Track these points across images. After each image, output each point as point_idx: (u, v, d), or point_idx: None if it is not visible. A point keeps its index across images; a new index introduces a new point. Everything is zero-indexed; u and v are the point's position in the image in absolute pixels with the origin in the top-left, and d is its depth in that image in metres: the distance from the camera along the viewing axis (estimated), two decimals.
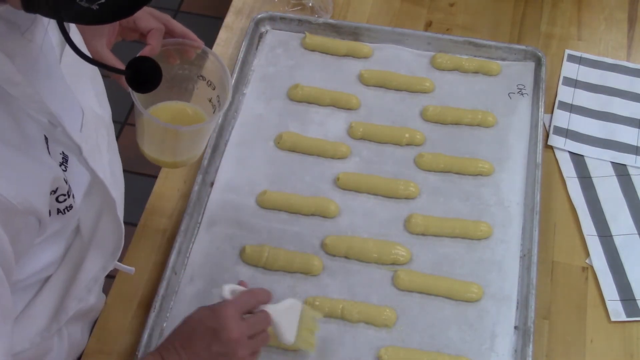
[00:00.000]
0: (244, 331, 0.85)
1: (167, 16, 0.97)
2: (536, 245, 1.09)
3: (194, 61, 0.95)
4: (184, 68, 0.96)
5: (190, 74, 0.96)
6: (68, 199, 0.77)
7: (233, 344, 0.84)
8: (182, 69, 0.96)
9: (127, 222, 1.34)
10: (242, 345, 0.85)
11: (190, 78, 0.97)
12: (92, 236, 0.86)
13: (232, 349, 0.84)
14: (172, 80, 0.96)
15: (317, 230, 1.13)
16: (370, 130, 1.23)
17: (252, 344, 0.87)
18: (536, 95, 1.27)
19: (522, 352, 1.01)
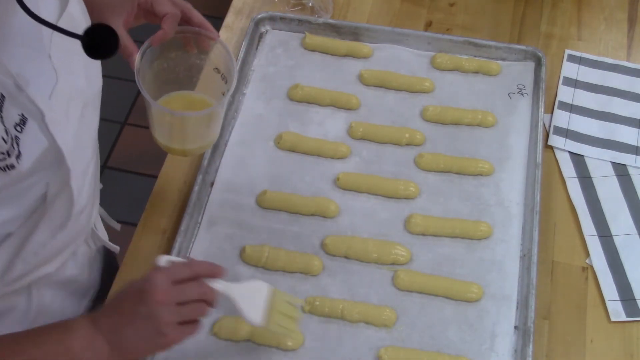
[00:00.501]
0: (171, 296, 0.84)
1: (187, 4, 0.97)
2: (536, 245, 1.09)
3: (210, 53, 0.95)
4: (201, 58, 0.96)
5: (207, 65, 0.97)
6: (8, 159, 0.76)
7: (157, 307, 0.83)
8: (199, 59, 0.97)
9: (127, 222, 1.34)
10: (167, 309, 0.83)
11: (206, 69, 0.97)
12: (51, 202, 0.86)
13: (157, 312, 0.83)
14: (189, 69, 0.96)
15: (317, 230, 1.13)
16: (370, 130, 1.23)
17: (180, 311, 0.85)
18: (536, 95, 1.27)
19: (522, 352, 1.01)
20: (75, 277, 1.05)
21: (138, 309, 0.83)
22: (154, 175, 1.23)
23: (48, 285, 0.99)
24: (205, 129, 0.97)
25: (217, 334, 1.03)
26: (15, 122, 0.76)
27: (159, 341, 0.84)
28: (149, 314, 0.83)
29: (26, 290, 0.95)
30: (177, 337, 0.85)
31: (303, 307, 1.04)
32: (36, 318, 0.99)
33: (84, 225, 0.97)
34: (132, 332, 0.83)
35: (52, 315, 1.02)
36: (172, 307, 0.84)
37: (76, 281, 1.06)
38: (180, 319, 0.85)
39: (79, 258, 1.05)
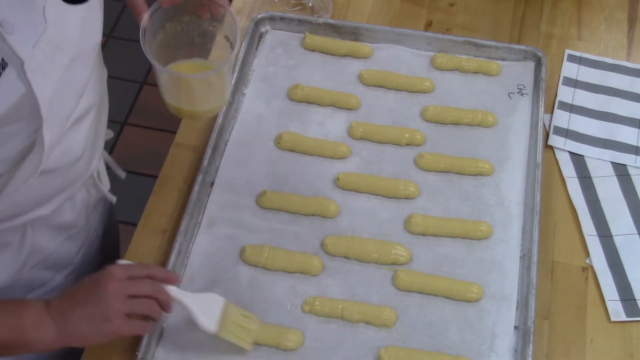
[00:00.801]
0: (124, 286, 0.88)
1: None
2: (536, 245, 1.09)
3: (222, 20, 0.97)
4: (213, 25, 0.98)
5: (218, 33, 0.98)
6: None
7: (108, 294, 0.87)
8: (211, 26, 0.98)
9: (127, 222, 1.34)
10: (117, 298, 0.87)
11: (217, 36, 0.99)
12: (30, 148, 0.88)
13: (107, 299, 0.87)
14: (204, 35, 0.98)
15: (317, 230, 1.13)
16: (370, 130, 1.23)
17: (130, 303, 0.88)
18: (536, 95, 1.27)
19: (522, 352, 1.01)
20: (73, 222, 1.07)
21: (90, 295, 0.88)
22: (154, 175, 1.23)
23: (44, 227, 1.02)
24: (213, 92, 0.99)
25: (217, 334, 1.02)
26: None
27: (104, 327, 0.87)
28: (99, 299, 0.87)
29: (21, 229, 0.98)
30: (123, 327, 0.88)
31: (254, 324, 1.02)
32: (30, 256, 1.02)
33: (81, 172, 0.99)
34: (81, 315, 0.87)
35: (48, 256, 1.06)
36: (123, 298, 0.88)
37: (74, 226, 1.08)
38: (129, 310, 0.88)
39: (77, 204, 1.07)
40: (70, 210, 1.06)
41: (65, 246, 1.09)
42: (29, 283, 1.07)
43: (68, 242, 1.10)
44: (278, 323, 1.04)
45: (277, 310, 1.05)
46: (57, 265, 1.10)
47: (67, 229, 1.08)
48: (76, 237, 1.11)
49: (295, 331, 1.03)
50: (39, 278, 1.08)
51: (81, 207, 1.09)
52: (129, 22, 1.07)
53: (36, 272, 1.07)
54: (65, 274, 1.13)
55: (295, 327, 1.04)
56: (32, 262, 1.04)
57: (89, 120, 0.96)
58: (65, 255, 1.11)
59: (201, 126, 1.26)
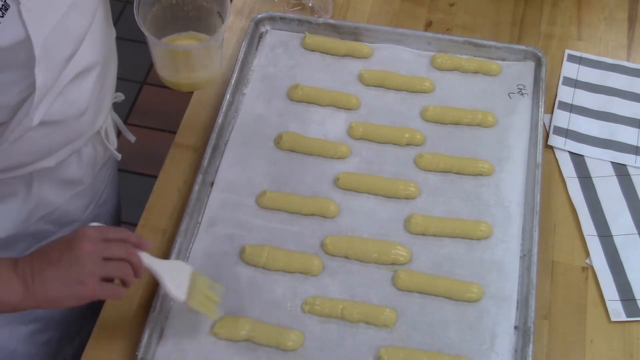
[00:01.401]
0: (99, 248, 0.86)
1: None
2: (536, 245, 1.09)
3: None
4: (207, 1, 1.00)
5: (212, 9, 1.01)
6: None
7: (83, 255, 0.84)
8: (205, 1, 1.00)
9: (127, 222, 1.34)
10: (92, 260, 0.85)
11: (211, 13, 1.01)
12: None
13: (81, 260, 0.84)
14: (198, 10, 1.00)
15: (317, 230, 1.13)
16: (370, 130, 1.23)
17: (105, 266, 0.86)
18: (536, 95, 1.27)
19: (522, 352, 1.01)
20: (79, 178, 1.07)
21: (63, 256, 0.85)
22: (154, 175, 1.23)
23: (50, 180, 1.02)
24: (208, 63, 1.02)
25: (217, 334, 1.03)
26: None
27: (77, 289, 0.85)
28: (73, 261, 0.84)
29: (27, 180, 0.98)
30: (97, 290, 0.86)
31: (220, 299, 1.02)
32: (35, 208, 1.02)
33: (86, 127, 1.00)
34: (52, 276, 0.84)
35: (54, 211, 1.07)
36: (98, 260, 0.85)
37: (80, 183, 1.08)
38: (104, 274, 0.86)
39: (84, 159, 1.07)
40: (76, 165, 1.06)
41: (73, 203, 1.09)
42: (35, 234, 1.07)
43: (75, 198, 1.10)
44: (278, 323, 1.04)
45: (277, 310, 1.05)
46: (62, 220, 1.11)
47: (74, 184, 1.08)
48: (83, 195, 1.11)
49: (295, 331, 1.03)
50: (45, 231, 1.08)
51: (87, 164, 1.09)
52: (129, 22, 1.08)
53: (42, 225, 1.07)
54: (71, 229, 1.12)
55: (295, 327, 1.04)
56: (38, 214, 1.04)
57: (93, 76, 0.97)
58: (72, 211, 1.11)
59: (201, 126, 1.26)
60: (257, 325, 1.03)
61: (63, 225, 1.12)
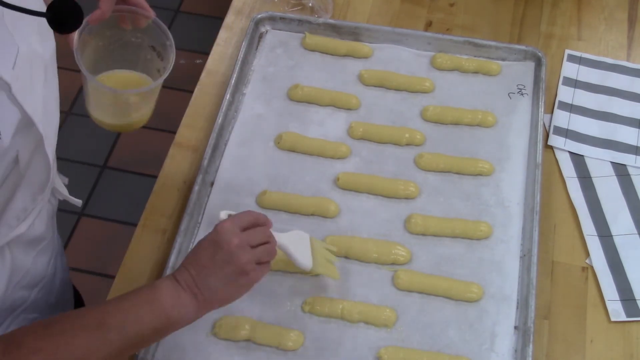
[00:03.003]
0: (243, 239, 0.89)
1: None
2: (536, 245, 1.09)
3: (146, 31, 0.97)
4: (136, 36, 0.98)
5: (142, 44, 0.98)
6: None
7: (235, 249, 0.87)
8: (135, 37, 0.98)
9: (127, 222, 1.33)
10: (243, 251, 0.88)
11: (141, 47, 0.98)
12: (26, 168, 0.89)
13: (235, 255, 0.87)
14: (124, 47, 0.98)
15: (317, 230, 1.13)
16: (370, 130, 1.23)
17: (255, 252, 0.90)
18: (536, 95, 1.27)
19: (522, 352, 1.01)
20: (43, 235, 1.06)
21: (216, 257, 0.88)
22: (154, 175, 1.22)
23: (19, 245, 1.00)
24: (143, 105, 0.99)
25: (217, 334, 1.03)
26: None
27: (241, 281, 0.89)
28: (228, 258, 0.87)
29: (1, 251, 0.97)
30: (258, 275, 0.90)
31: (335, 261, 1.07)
32: (11, 278, 1.01)
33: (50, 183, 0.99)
34: (215, 279, 0.88)
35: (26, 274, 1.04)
36: (248, 249, 0.89)
37: (43, 239, 1.07)
38: (257, 259, 0.90)
39: (44, 216, 1.06)
40: (39, 223, 1.04)
41: (38, 261, 1.07)
42: (11, 305, 1.05)
43: (40, 256, 1.08)
44: (278, 323, 1.04)
45: (277, 310, 1.05)
46: (33, 282, 1.08)
47: (39, 242, 1.06)
48: (46, 250, 1.09)
49: (295, 331, 1.03)
50: (19, 298, 1.06)
51: (47, 218, 1.07)
52: None
53: (17, 293, 1.04)
54: (38, 290, 1.10)
55: (295, 327, 1.04)
56: (13, 282, 1.02)
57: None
58: (39, 270, 1.08)
59: (201, 126, 1.26)
60: (257, 325, 1.03)
61: (33, 288, 1.09)
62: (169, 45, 0.96)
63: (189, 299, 0.87)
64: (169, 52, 0.96)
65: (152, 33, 0.97)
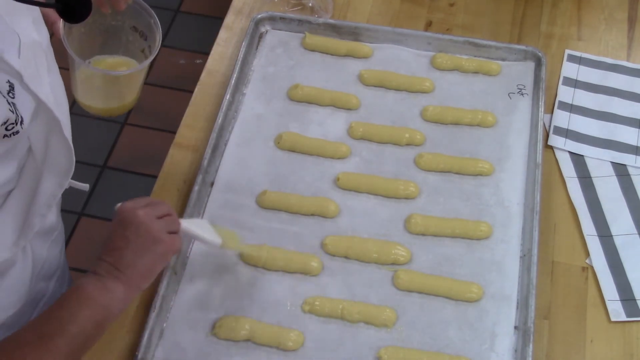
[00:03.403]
0: (148, 212, 0.89)
1: None
2: (536, 245, 1.09)
3: (126, 12, 0.97)
4: (117, 19, 0.98)
5: (124, 26, 0.98)
6: (16, 126, 0.80)
7: (142, 220, 0.88)
8: (115, 20, 0.98)
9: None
10: (151, 220, 0.88)
11: (123, 29, 0.99)
12: (45, 156, 0.90)
13: (144, 225, 0.87)
14: (106, 32, 0.98)
15: (317, 230, 1.13)
16: (370, 130, 1.23)
17: (163, 223, 0.90)
18: (536, 95, 1.27)
19: (522, 352, 1.01)
20: (54, 225, 1.09)
21: (126, 234, 0.87)
22: (154, 175, 1.22)
23: (36, 236, 1.01)
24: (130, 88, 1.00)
25: (217, 334, 1.03)
26: (7, 90, 0.79)
27: (158, 249, 0.88)
28: (138, 230, 0.87)
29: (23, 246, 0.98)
30: (173, 242, 0.90)
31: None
32: (33, 269, 1.02)
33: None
34: (131, 254, 0.87)
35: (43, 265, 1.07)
36: (155, 219, 0.89)
37: (55, 229, 1.09)
38: (166, 228, 0.90)
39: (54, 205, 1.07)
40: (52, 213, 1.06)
41: (52, 251, 1.09)
42: (35, 298, 1.07)
43: (53, 246, 1.10)
44: (278, 323, 1.04)
45: (277, 310, 1.05)
46: (49, 273, 1.10)
47: (52, 232, 1.08)
48: (58, 240, 1.12)
49: (295, 331, 1.03)
50: (40, 290, 1.08)
51: (56, 208, 1.10)
52: None
53: (39, 284, 1.07)
54: (54, 281, 1.13)
55: (295, 327, 1.04)
56: (35, 272, 1.04)
57: None
58: (54, 260, 1.11)
59: (201, 126, 1.26)
60: (257, 325, 1.03)
61: (50, 279, 1.11)
62: (154, 24, 0.96)
63: (113, 283, 0.86)
64: (154, 30, 0.96)
65: (134, 14, 0.97)
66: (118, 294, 0.87)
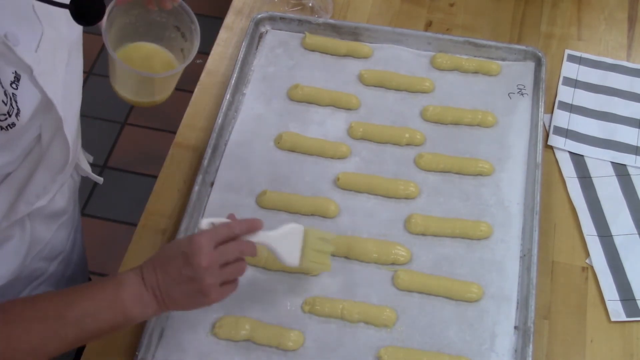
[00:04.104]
0: (214, 260, 0.89)
1: None
2: (536, 245, 1.09)
3: (171, 13, 0.99)
4: (161, 16, 1.00)
5: (167, 23, 1.01)
6: (9, 118, 0.80)
7: (201, 271, 0.88)
8: (160, 17, 1.00)
9: (127, 222, 1.34)
10: (210, 273, 0.89)
11: (166, 27, 1.01)
12: (47, 149, 0.91)
13: (200, 276, 0.88)
14: (149, 25, 1.01)
15: None
16: (370, 130, 1.23)
17: (222, 274, 0.90)
18: (536, 95, 1.27)
19: (522, 352, 1.01)
20: (64, 209, 1.10)
21: (183, 272, 0.88)
22: (154, 175, 1.22)
23: (40, 218, 1.04)
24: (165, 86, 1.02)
25: (217, 334, 1.03)
26: (11, 80, 0.80)
27: (202, 300, 0.91)
28: (193, 276, 0.88)
29: (21, 221, 1.00)
30: (218, 298, 0.92)
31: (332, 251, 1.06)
32: (30, 247, 1.04)
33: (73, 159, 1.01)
34: (178, 291, 0.89)
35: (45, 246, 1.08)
36: (215, 270, 0.89)
37: (64, 213, 1.11)
38: (222, 280, 0.91)
39: (65, 191, 1.09)
40: (60, 197, 1.08)
41: (58, 234, 1.11)
42: (30, 275, 1.08)
43: (60, 229, 1.12)
44: (278, 323, 1.04)
45: (277, 310, 1.05)
46: (51, 255, 1.12)
47: (60, 216, 1.10)
48: (67, 224, 1.14)
49: (295, 331, 1.03)
50: (37, 269, 1.10)
51: (69, 193, 1.11)
52: None
53: (36, 264, 1.08)
54: (57, 263, 1.15)
55: (295, 327, 1.04)
56: (33, 253, 1.06)
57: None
58: (58, 243, 1.13)
59: (201, 126, 1.26)
60: (257, 325, 1.03)
61: (52, 260, 1.13)
62: (194, 30, 0.99)
63: (151, 299, 0.89)
64: (194, 36, 0.99)
65: (178, 15, 1.00)
66: (150, 311, 0.89)
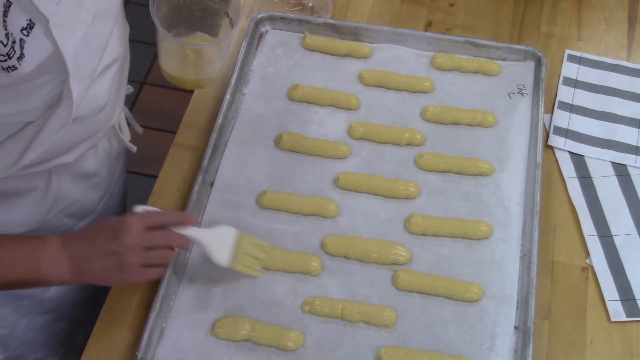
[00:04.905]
0: (140, 240, 0.92)
1: None
2: (536, 245, 1.09)
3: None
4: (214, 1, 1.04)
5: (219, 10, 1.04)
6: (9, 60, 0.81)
7: (126, 248, 0.91)
8: (213, 2, 1.04)
9: None
10: (134, 252, 0.91)
11: (219, 13, 1.04)
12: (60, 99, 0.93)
13: (123, 252, 0.91)
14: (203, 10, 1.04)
15: (317, 230, 1.13)
16: (370, 130, 1.23)
17: (145, 256, 0.93)
18: (536, 95, 1.27)
19: (522, 352, 1.01)
20: (95, 171, 1.14)
21: (108, 245, 0.91)
22: (154, 175, 1.23)
23: (68, 174, 1.07)
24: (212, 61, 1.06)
25: (217, 334, 1.03)
26: (22, 26, 0.81)
27: (119, 276, 0.93)
28: (116, 251, 0.91)
29: (46, 175, 1.04)
30: (136, 278, 0.94)
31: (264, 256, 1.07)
32: (54, 202, 1.08)
33: (103, 122, 1.05)
34: (99, 263, 0.92)
35: (71, 204, 1.12)
36: (139, 251, 0.92)
37: (96, 175, 1.14)
38: (144, 262, 0.93)
39: (100, 153, 1.13)
40: (93, 158, 1.11)
41: (88, 195, 1.14)
42: (54, 229, 1.11)
43: (91, 190, 1.15)
44: (278, 323, 1.04)
45: (277, 310, 1.05)
46: (80, 213, 1.15)
47: (90, 177, 1.13)
48: (98, 186, 1.17)
49: (295, 331, 1.03)
50: (62, 225, 1.13)
51: (103, 157, 1.14)
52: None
53: (61, 219, 1.11)
54: (87, 222, 1.18)
55: (295, 327, 1.04)
56: (57, 208, 1.09)
57: (112, 72, 1.01)
58: (88, 203, 1.16)
59: (201, 126, 1.26)
60: (257, 325, 1.03)
61: (80, 218, 1.17)
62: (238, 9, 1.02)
63: (67, 267, 0.91)
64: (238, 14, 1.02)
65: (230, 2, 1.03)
66: (62, 277, 0.92)
